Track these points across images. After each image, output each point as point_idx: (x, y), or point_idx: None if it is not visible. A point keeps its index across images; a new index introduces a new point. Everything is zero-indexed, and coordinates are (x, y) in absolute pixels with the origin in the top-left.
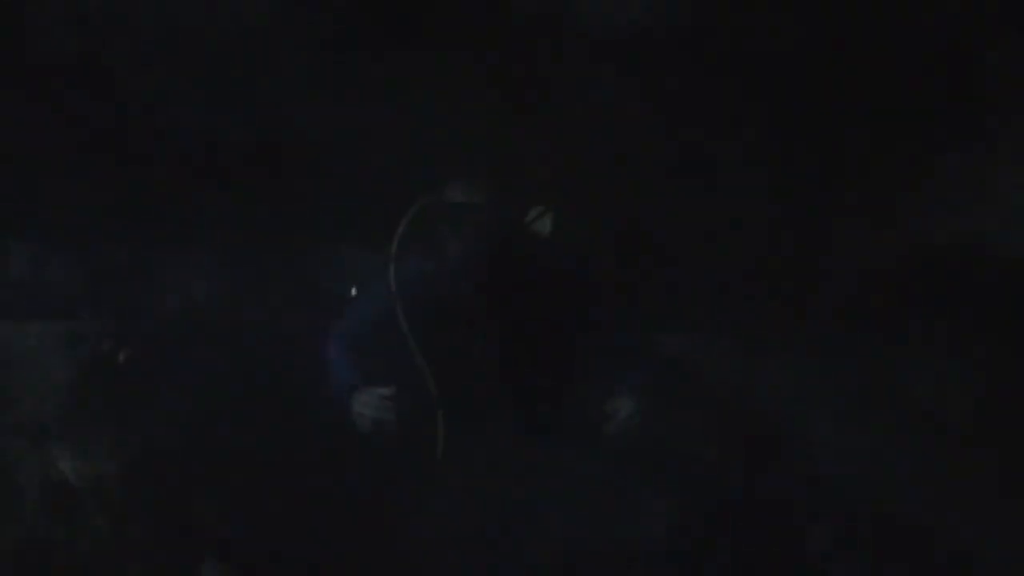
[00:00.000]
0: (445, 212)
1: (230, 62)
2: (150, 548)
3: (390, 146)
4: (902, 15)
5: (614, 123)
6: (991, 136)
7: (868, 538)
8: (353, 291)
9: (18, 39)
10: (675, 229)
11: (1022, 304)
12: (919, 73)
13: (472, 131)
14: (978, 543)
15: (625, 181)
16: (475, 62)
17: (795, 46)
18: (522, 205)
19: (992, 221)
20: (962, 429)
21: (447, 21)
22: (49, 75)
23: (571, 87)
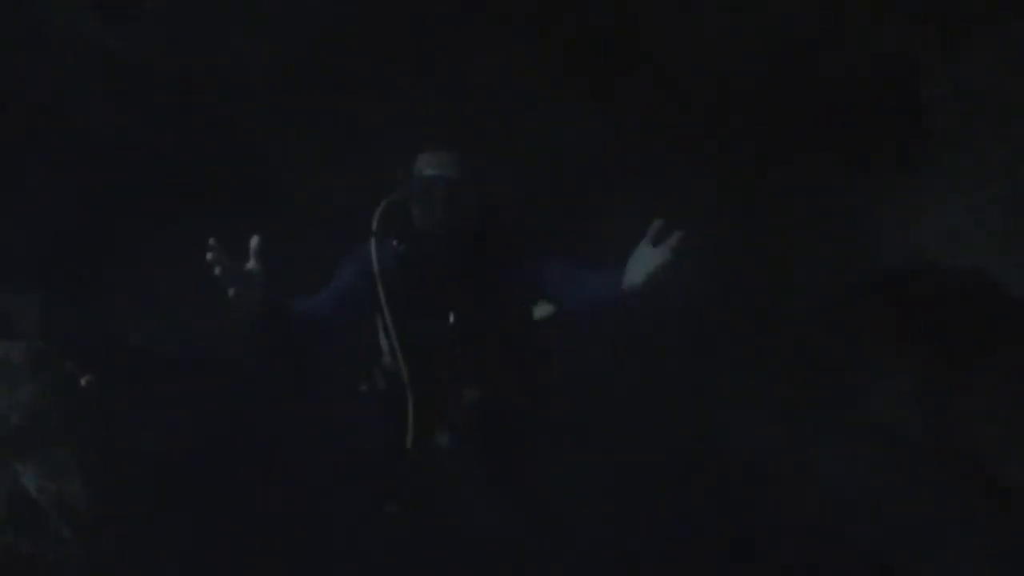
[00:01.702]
0: (415, 185)
1: (196, 93)
2: (116, 560)
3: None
4: (852, 53)
5: (585, 151)
6: (931, 163)
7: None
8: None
9: None
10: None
11: (962, 313)
12: (864, 107)
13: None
14: (937, 555)
15: (584, 199)
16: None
17: (752, 81)
18: (491, 177)
19: (933, 239)
20: (917, 443)
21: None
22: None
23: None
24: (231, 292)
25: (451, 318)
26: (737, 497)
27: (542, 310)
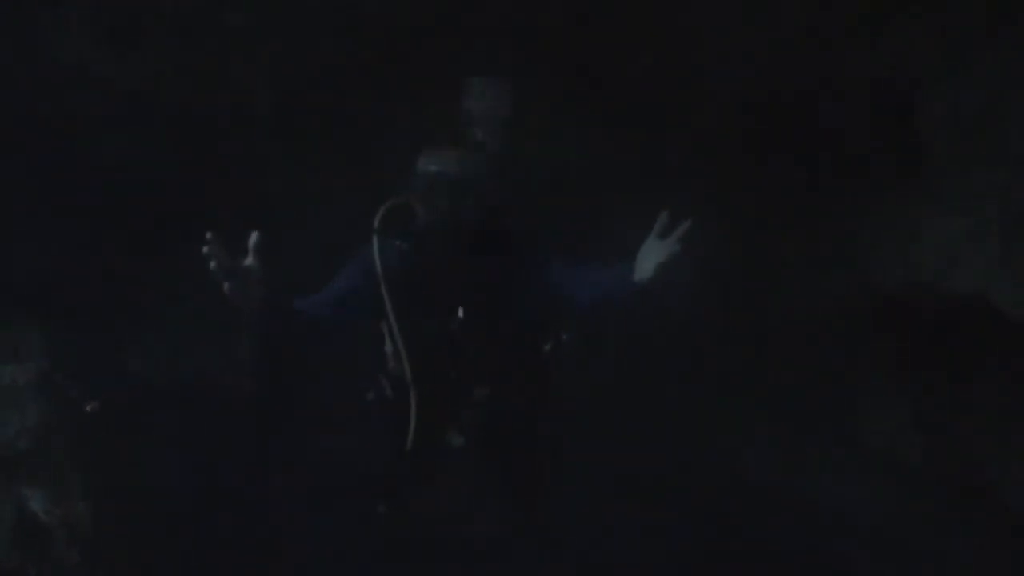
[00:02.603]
0: (419, 182)
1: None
2: None
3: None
4: (847, 76)
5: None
6: (929, 184)
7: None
8: None
9: None
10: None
11: (960, 334)
12: (862, 129)
13: None
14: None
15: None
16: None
17: (751, 102)
18: (494, 174)
19: (931, 260)
20: (915, 462)
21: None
22: (20, 137)
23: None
24: (226, 287)
25: (460, 313)
26: (732, 517)
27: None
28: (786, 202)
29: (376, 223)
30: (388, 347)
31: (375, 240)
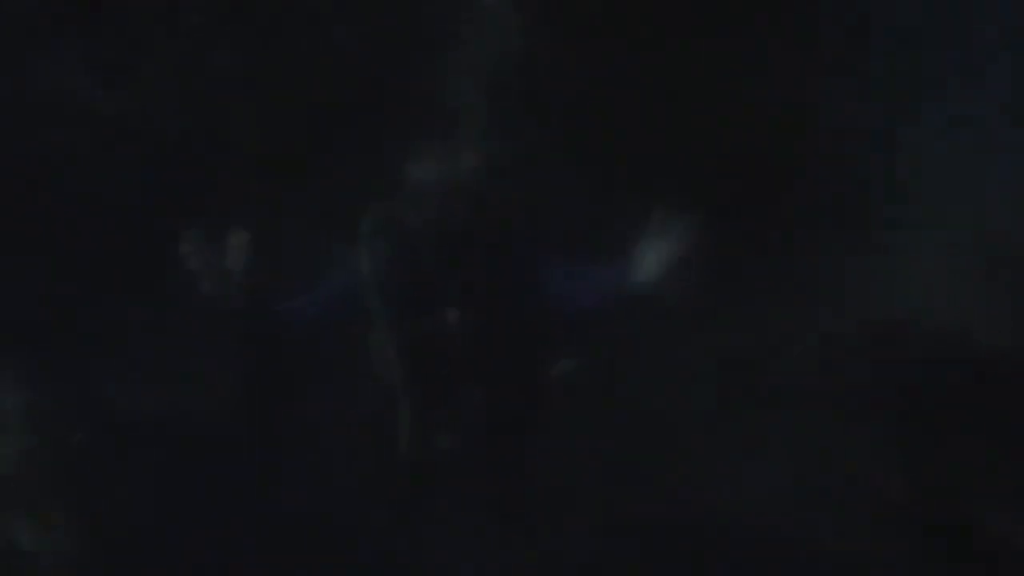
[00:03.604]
0: (406, 185)
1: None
2: None
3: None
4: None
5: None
6: (905, 224)
7: None
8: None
9: None
10: None
11: (939, 372)
12: (835, 171)
13: None
14: None
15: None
16: None
17: (729, 147)
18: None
19: (908, 299)
20: (895, 501)
21: None
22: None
23: None
24: (204, 287)
25: (451, 315)
26: (711, 551)
27: (560, 367)
28: (763, 241)
29: (363, 226)
30: (373, 351)
31: (361, 243)
